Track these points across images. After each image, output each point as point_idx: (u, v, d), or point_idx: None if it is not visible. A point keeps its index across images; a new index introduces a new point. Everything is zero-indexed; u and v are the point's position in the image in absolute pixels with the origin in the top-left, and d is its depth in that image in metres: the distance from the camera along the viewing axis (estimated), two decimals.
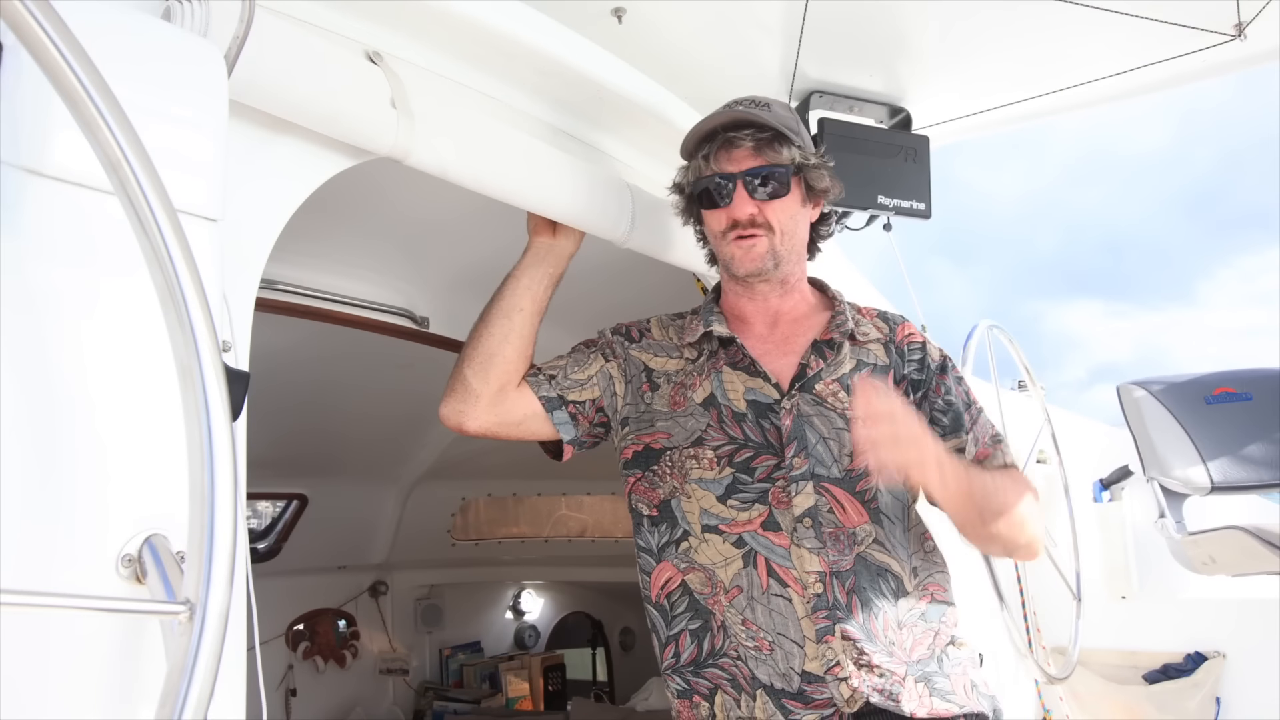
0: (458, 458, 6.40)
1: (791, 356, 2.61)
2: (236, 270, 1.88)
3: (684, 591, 2.49)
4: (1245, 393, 5.22)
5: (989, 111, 3.86)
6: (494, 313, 2.64)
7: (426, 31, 2.47)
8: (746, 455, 2.48)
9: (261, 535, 6.47)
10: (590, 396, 2.66)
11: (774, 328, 2.69)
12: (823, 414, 2.49)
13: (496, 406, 2.59)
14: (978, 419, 2.67)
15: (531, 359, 2.68)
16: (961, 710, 2.37)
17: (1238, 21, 3.19)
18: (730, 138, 2.56)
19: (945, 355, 2.72)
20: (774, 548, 2.39)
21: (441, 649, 7.95)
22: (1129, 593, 5.55)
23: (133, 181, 1.17)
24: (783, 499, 2.42)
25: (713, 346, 2.65)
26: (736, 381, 2.56)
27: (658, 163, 3.22)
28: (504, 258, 2.75)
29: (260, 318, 1.95)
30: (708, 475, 2.49)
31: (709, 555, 2.45)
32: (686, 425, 2.55)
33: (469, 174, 2.40)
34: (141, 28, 1.62)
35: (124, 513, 1.43)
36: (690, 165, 2.66)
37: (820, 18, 3.09)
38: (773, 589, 2.37)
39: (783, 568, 2.38)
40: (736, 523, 2.43)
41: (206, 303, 1.21)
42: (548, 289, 2.71)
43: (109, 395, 1.45)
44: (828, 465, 2.44)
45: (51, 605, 1.22)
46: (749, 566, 2.40)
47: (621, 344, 2.74)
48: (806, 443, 2.45)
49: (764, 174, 2.55)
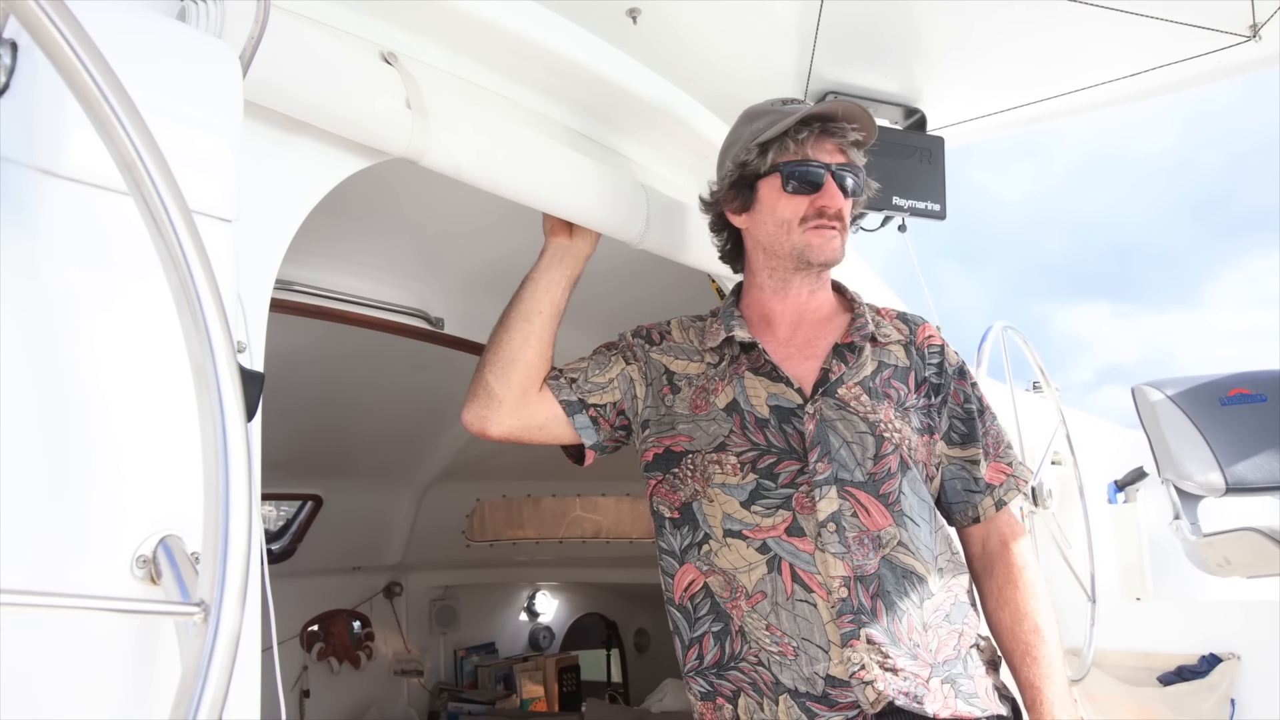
0: (472, 459, 6.40)
1: (814, 361, 2.60)
2: (251, 271, 1.88)
3: (706, 594, 2.48)
4: (1260, 394, 5.20)
5: (1004, 112, 3.87)
6: (513, 316, 2.64)
7: (442, 32, 2.47)
8: (770, 461, 2.47)
9: (276, 536, 6.48)
10: (611, 400, 2.66)
11: (797, 329, 2.68)
12: (846, 418, 2.48)
13: (519, 411, 2.60)
14: (989, 427, 2.68)
15: (552, 360, 2.68)
16: (984, 713, 2.36)
17: (1253, 22, 3.19)
18: (830, 128, 2.57)
19: (962, 360, 2.72)
20: (799, 553, 2.38)
21: (456, 650, 7.96)
22: (1144, 594, 5.54)
23: (148, 182, 1.17)
24: (806, 504, 2.40)
25: (734, 351, 2.64)
26: (759, 387, 2.55)
27: (672, 164, 3.22)
28: (519, 259, 2.75)
29: (275, 318, 1.94)
30: (731, 480, 2.48)
31: (730, 560, 2.44)
32: (709, 430, 2.54)
33: (484, 175, 2.39)
34: (156, 28, 1.62)
35: (139, 514, 1.43)
36: (774, 146, 2.59)
37: (835, 18, 3.09)
38: (797, 594, 2.36)
39: (807, 573, 2.36)
40: (760, 528, 2.42)
41: (221, 303, 1.21)
42: (565, 290, 2.71)
43: (124, 396, 1.45)
44: (851, 469, 2.43)
45: (67, 606, 1.22)
46: (773, 572, 2.39)
47: (642, 346, 2.74)
48: (830, 448, 2.44)
49: (854, 172, 2.59)
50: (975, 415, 2.64)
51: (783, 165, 2.57)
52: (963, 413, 2.63)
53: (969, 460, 2.62)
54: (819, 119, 2.57)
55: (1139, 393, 5.32)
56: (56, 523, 1.34)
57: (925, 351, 2.67)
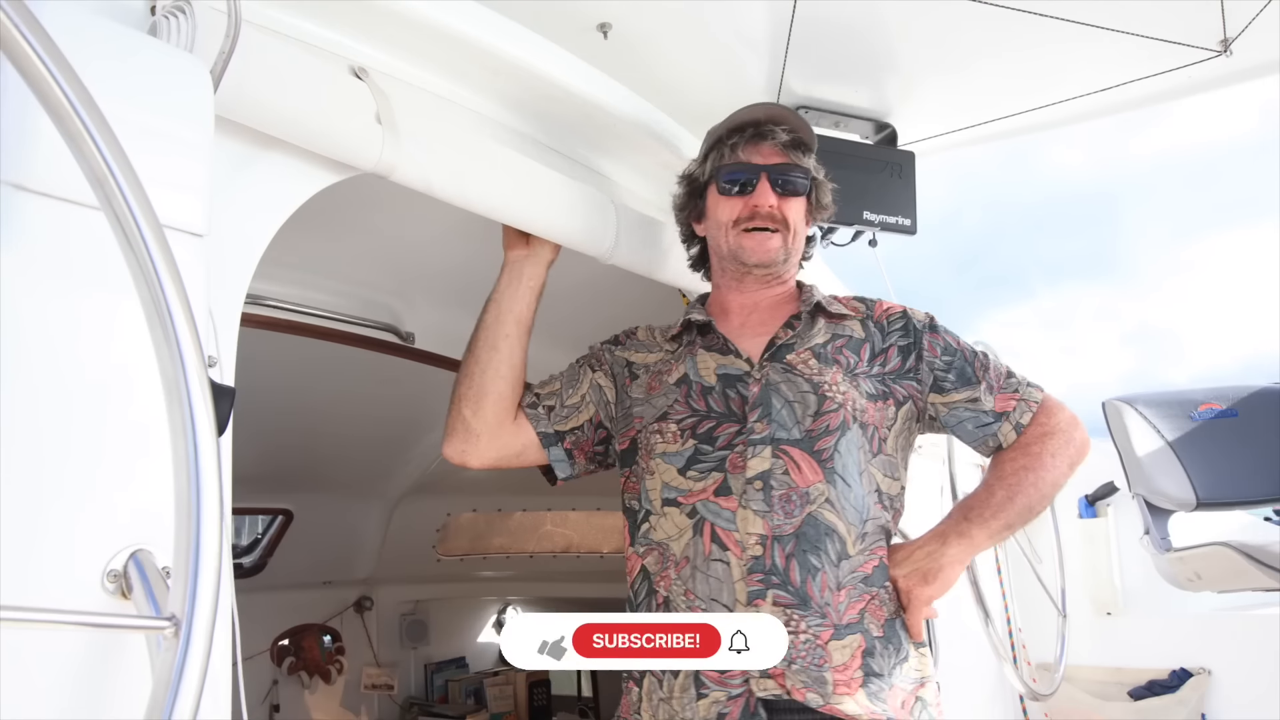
0: (443, 473, 6.36)
1: (762, 337, 2.64)
2: (222, 285, 1.88)
3: (644, 577, 2.49)
4: (1231, 409, 5.24)
5: (975, 127, 3.88)
6: (480, 344, 2.66)
7: (412, 47, 2.47)
8: (709, 425, 2.49)
9: (247, 550, 6.45)
10: (587, 417, 2.69)
11: (750, 315, 2.74)
12: (790, 380, 2.51)
13: (496, 442, 2.63)
14: (984, 365, 2.68)
15: (524, 378, 2.70)
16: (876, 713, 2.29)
17: (1224, 38, 3.21)
18: (762, 131, 2.64)
19: (931, 316, 2.74)
20: (721, 512, 2.39)
21: (426, 665, 7.92)
22: (1114, 609, 5.58)
23: (119, 197, 1.17)
24: (739, 464, 2.42)
25: (690, 335, 2.70)
26: (709, 360, 2.60)
27: (643, 178, 3.23)
28: (490, 273, 2.75)
29: (246, 333, 1.94)
30: (671, 449, 2.51)
31: (666, 530, 2.45)
32: (656, 404, 2.58)
33: (454, 190, 2.39)
34: (127, 43, 1.62)
35: (110, 528, 1.43)
36: (712, 155, 2.70)
37: (806, 34, 3.10)
38: (713, 554, 2.36)
39: (725, 531, 2.37)
40: (692, 493, 2.44)
41: (192, 318, 1.21)
42: (530, 304, 2.72)
43: (94, 410, 1.45)
44: (789, 428, 2.45)
45: (38, 620, 1.21)
46: (696, 535, 2.40)
47: (609, 349, 2.79)
48: (771, 409, 2.46)
49: (790, 171, 2.64)
50: (964, 360, 2.66)
51: (718, 170, 2.67)
52: (942, 363, 2.65)
53: (969, 401, 2.64)
54: (750, 124, 2.65)
55: (1110, 407, 5.35)
56: (28, 537, 1.34)
57: (885, 323, 2.70)
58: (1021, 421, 2.63)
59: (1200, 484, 5.04)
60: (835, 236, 3.67)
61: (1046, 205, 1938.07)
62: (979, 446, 2.69)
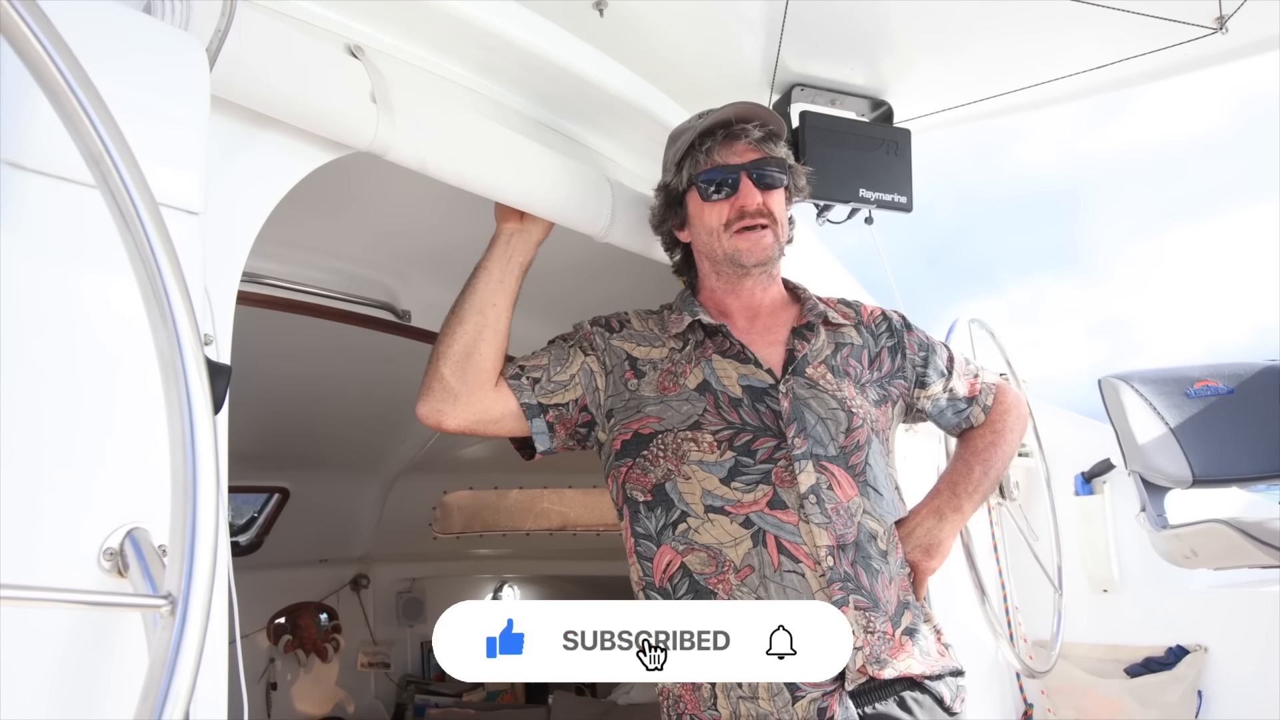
0: (439, 451, 6.38)
1: (776, 346, 2.69)
2: (218, 264, 1.88)
3: (684, 574, 2.49)
4: (1227, 386, 5.24)
5: (971, 105, 3.87)
6: (467, 308, 2.63)
7: (408, 25, 2.47)
8: (746, 438, 2.52)
9: (243, 529, 6.46)
10: (573, 396, 2.68)
11: (754, 320, 2.77)
12: (817, 396, 2.58)
13: (475, 405, 2.60)
14: (952, 355, 2.92)
15: (506, 350, 2.69)
16: (940, 669, 2.52)
17: (1219, 15, 3.21)
18: (734, 130, 2.65)
19: (903, 314, 2.92)
20: (783, 525, 2.43)
21: (423, 642, 7.96)
22: (1111, 586, 5.57)
23: (115, 175, 1.17)
24: (786, 478, 2.46)
25: (699, 336, 2.70)
26: (729, 368, 2.62)
27: (640, 156, 3.22)
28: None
29: (242, 311, 1.94)
30: (709, 458, 2.52)
31: (715, 535, 2.47)
32: (681, 410, 2.58)
33: (449, 169, 2.40)
34: (123, 21, 1.62)
35: (106, 506, 1.43)
36: (686, 162, 2.71)
37: (802, 11, 3.09)
38: (785, 566, 2.40)
39: (793, 544, 2.41)
40: (742, 504, 2.46)
41: (188, 296, 1.20)
42: (518, 278, 2.72)
43: (90, 389, 1.45)
44: (825, 445, 2.52)
45: (33, 599, 1.22)
46: (759, 545, 2.43)
47: (602, 335, 2.76)
48: (806, 424, 2.52)
49: (767, 166, 2.66)
50: (935, 353, 2.87)
51: (697, 177, 2.68)
52: (920, 358, 2.84)
53: (947, 391, 2.90)
54: (720, 125, 2.66)
55: (1106, 385, 5.35)
56: (23, 516, 1.34)
57: (872, 326, 2.84)
58: (987, 403, 2.91)
59: (1196, 461, 5.05)
60: (831, 214, 3.65)
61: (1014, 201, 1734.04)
62: (952, 429, 2.95)
